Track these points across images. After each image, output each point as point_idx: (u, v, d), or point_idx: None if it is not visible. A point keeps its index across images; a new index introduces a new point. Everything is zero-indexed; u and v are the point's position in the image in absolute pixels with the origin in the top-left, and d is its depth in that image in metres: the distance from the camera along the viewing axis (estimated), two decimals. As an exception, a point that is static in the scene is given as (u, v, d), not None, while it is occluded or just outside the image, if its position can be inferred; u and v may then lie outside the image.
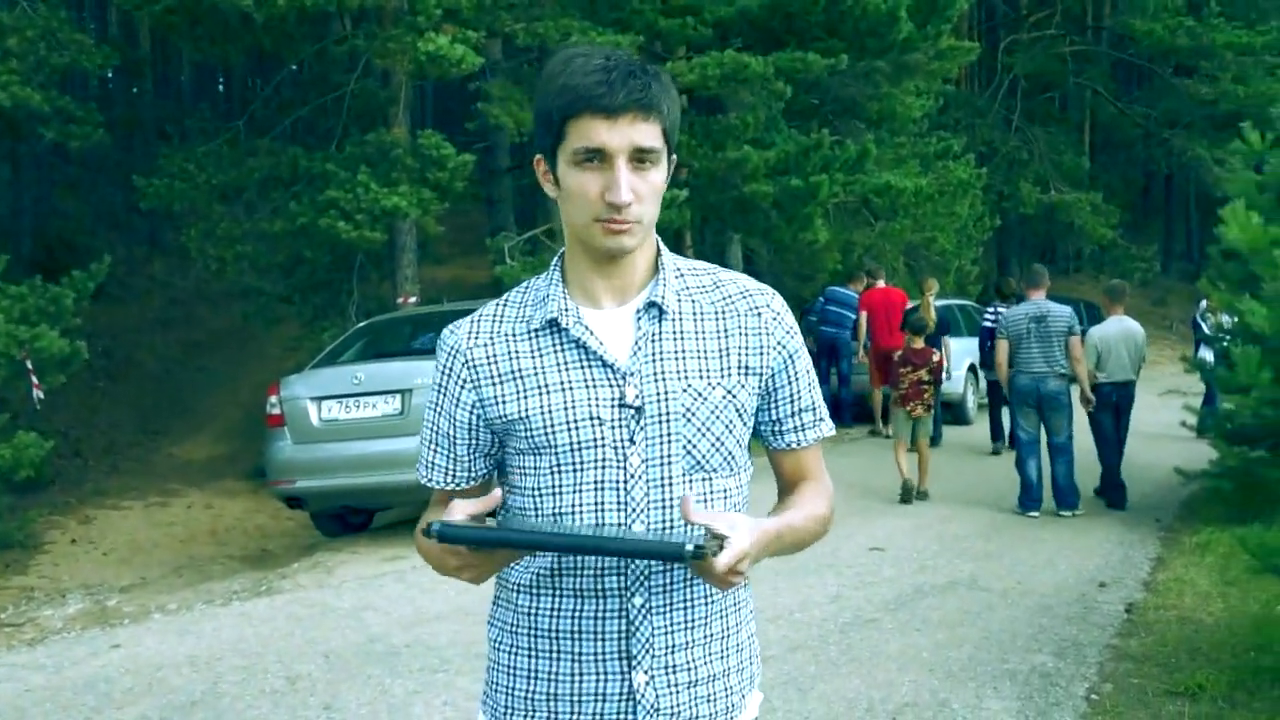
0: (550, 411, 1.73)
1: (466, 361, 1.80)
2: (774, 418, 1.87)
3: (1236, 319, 7.53)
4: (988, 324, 12.50)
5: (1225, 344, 8.08)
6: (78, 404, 16.52)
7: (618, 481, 1.72)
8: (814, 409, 1.90)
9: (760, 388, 1.83)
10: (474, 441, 1.83)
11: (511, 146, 18.68)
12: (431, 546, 1.69)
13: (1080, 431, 9.27)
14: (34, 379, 9.64)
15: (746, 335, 1.81)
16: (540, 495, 1.76)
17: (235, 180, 12.35)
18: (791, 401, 1.87)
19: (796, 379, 1.86)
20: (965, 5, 15.14)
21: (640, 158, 1.68)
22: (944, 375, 10.60)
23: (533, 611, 1.79)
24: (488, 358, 1.79)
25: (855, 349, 13.56)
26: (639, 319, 1.76)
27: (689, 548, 1.51)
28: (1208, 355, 10.42)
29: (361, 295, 13.56)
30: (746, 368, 1.80)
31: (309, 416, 8.55)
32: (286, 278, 13.65)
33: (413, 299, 12.94)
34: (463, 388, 1.80)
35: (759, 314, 1.82)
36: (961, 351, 13.82)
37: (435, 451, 1.87)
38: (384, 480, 8.29)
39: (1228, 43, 25.24)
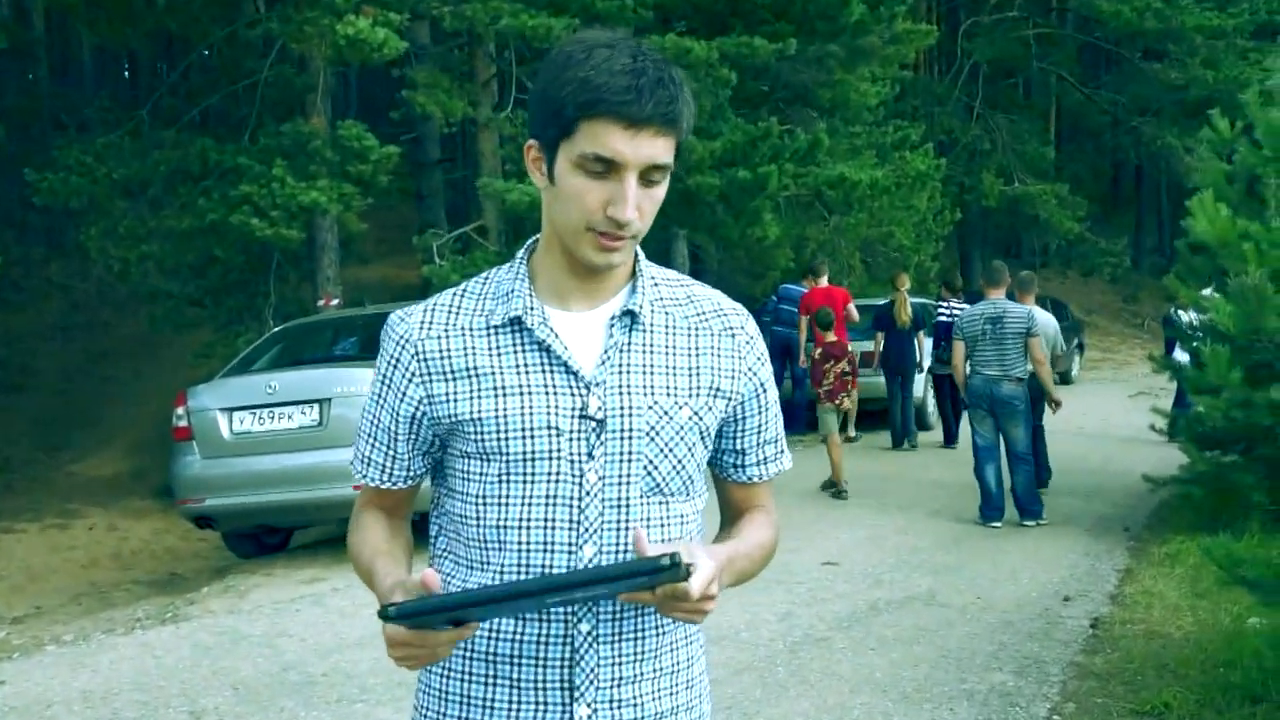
0: (505, 416, 1.69)
1: (417, 354, 1.75)
2: (737, 448, 1.87)
3: (1205, 316, 7.62)
4: (942, 319, 12.88)
5: (1194, 343, 8.18)
6: (-32, 418, 16.24)
7: (571, 498, 1.69)
8: (777, 441, 1.91)
9: (726, 412, 1.81)
10: (415, 438, 1.79)
11: (442, 138, 18.58)
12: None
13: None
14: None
15: (719, 356, 1.79)
16: (484, 504, 1.73)
17: (139, 174, 12.19)
18: (758, 432, 1.87)
19: (765, 409, 1.86)
20: (922, -14, 15.27)
21: (651, 174, 1.64)
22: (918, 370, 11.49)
23: None
24: (440, 351, 1.74)
25: (801, 352, 13.54)
26: (611, 326, 1.73)
27: (677, 563, 1.47)
28: (1182, 356, 10.56)
29: (279, 297, 13.43)
30: (716, 389, 1.79)
31: (219, 429, 8.43)
32: (197, 279, 13.49)
33: (334, 301, 12.83)
34: (410, 381, 1.75)
35: (733, 335, 1.81)
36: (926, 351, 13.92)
37: (373, 446, 1.83)
38: (301, 496, 8.20)
39: (1197, 25, 25.71)
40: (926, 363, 13.58)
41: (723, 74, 12.48)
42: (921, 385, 13.75)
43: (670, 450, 1.74)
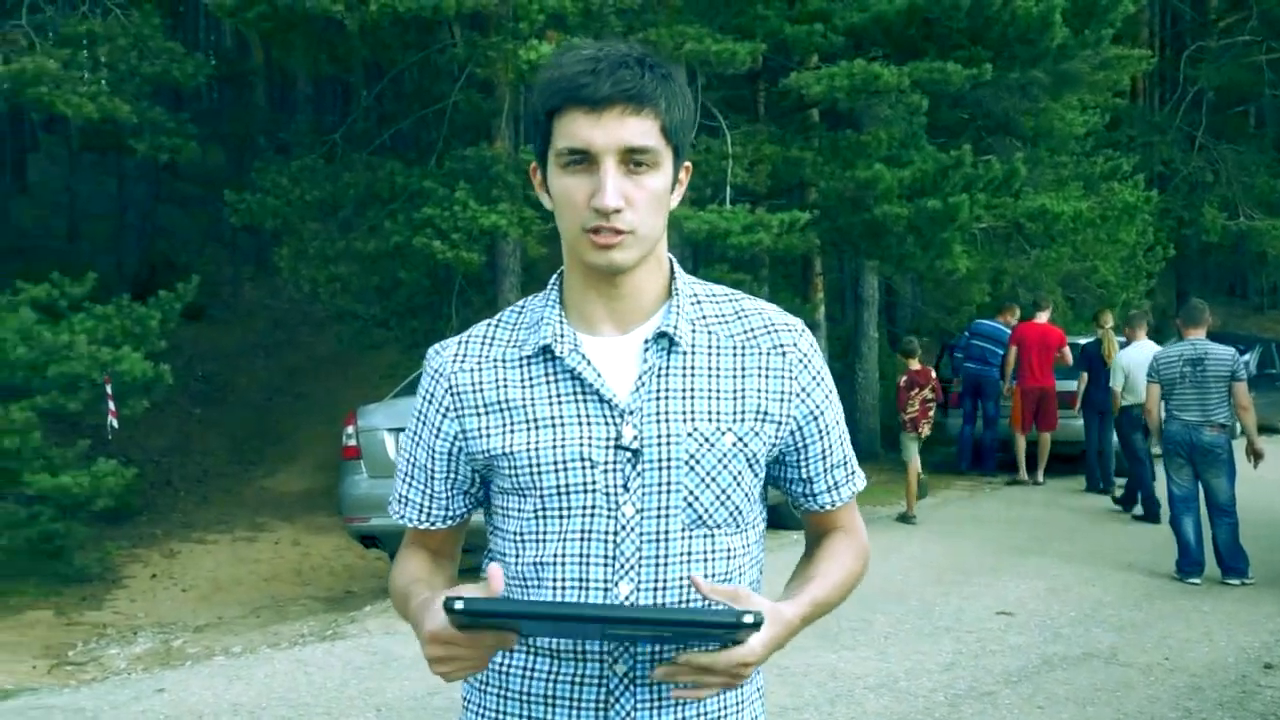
0: (537, 449, 1.66)
1: (450, 388, 1.73)
2: (804, 476, 1.80)
3: None
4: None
5: None
6: (173, 431, 17.13)
7: (606, 533, 1.65)
8: (846, 463, 1.83)
9: (777, 438, 1.73)
10: (453, 476, 1.76)
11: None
12: (420, 617, 1.60)
13: (1244, 486, 8.80)
14: (111, 404, 9.94)
15: (767, 377, 1.72)
16: (522, 541, 1.70)
17: (331, 196, 12.64)
18: (823, 459, 1.80)
19: (827, 432, 1.79)
20: (1132, 8, 14.64)
21: (633, 159, 1.60)
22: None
23: (504, 670, 1.71)
24: (473, 385, 1.71)
25: (1002, 387, 13.30)
26: (646, 350, 1.68)
27: (747, 619, 1.45)
28: None
29: (461, 321, 13.70)
30: (764, 413, 1.71)
31: (385, 449, 8.62)
32: (383, 300, 13.90)
33: (515, 326, 13.01)
34: (444, 416, 1.73)
35: (783, 353, 1.73)
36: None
37: (410, 485, 1.80)
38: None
39: None
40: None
41: (913, 100, 12.23)
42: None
43: (713, 480, 1.67)
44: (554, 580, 1.66)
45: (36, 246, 19.41)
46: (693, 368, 1.69)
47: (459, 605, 1.43)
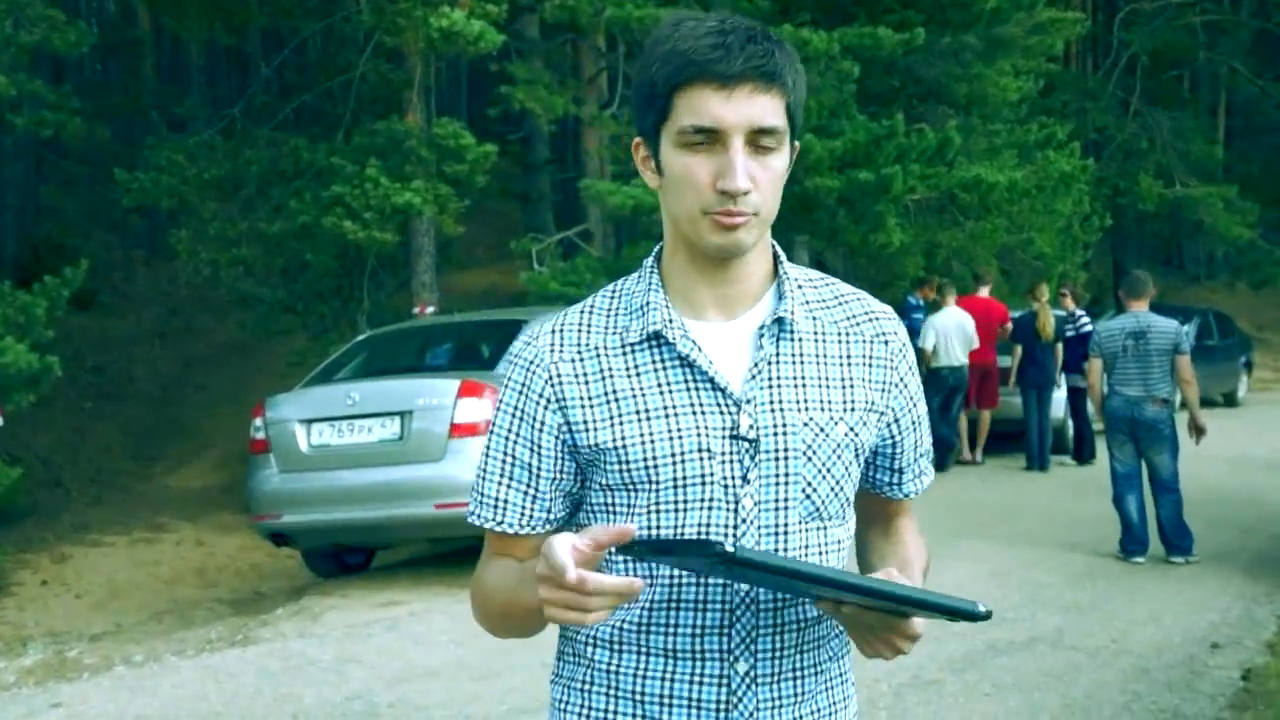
0: (652, 441, 1.65)
1: (551, 378, 1.70)
2: (896, 466, 1.84)
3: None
4: (1069, 335, 13.17)
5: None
6: (62, 426, 16.77)
7: (726, 526, 1.65)
8: (929, 454, 1.90)
9: (880, 429, 1.78)
10: (559, 475, 1.73)
11: (551, 138, 18.69)
12: (533, 579, 1.52)
13: (1188, 462, 8.99)
14: (-6, 400, 9.71)
15: (871, 366, 1.75)
16: None
17: (231, 174, 12.44)
18: (915, 449, 1.85)
19: (919, 423, 1.84)
20: (1066, -30, 14.87)
21: (760, 139, 1.59)
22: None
23: (613, 669, 1.71)
24: (576, 375, 1.70)
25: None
26: (760, 337, 1.69)
27: (982, 609, 1.50)
28: None
29: (374, 304, 13.59)
30: (871, 404, 1.74)
31: (297, 441, 8.51)
32: (289, 284, 13.72)
33: (430, 308, 12.94)
34: (546, 408, 1.70)
35: (886, 342, 1.77)
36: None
37: (509, 486, 1.74)
38: (380, 515, 8.24)
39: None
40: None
41: (844, 67, 12.28)
42: (1061, 404, 13.45)
43: (828, 470, 1.70)
44: (669, 578, 1.65)
45: (-92, 231, 18.91)
46: (802, 355, 1.71)
47: (728, 547, 1.39)
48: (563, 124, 16.43)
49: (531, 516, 1.74)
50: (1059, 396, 13.34)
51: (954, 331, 12.88)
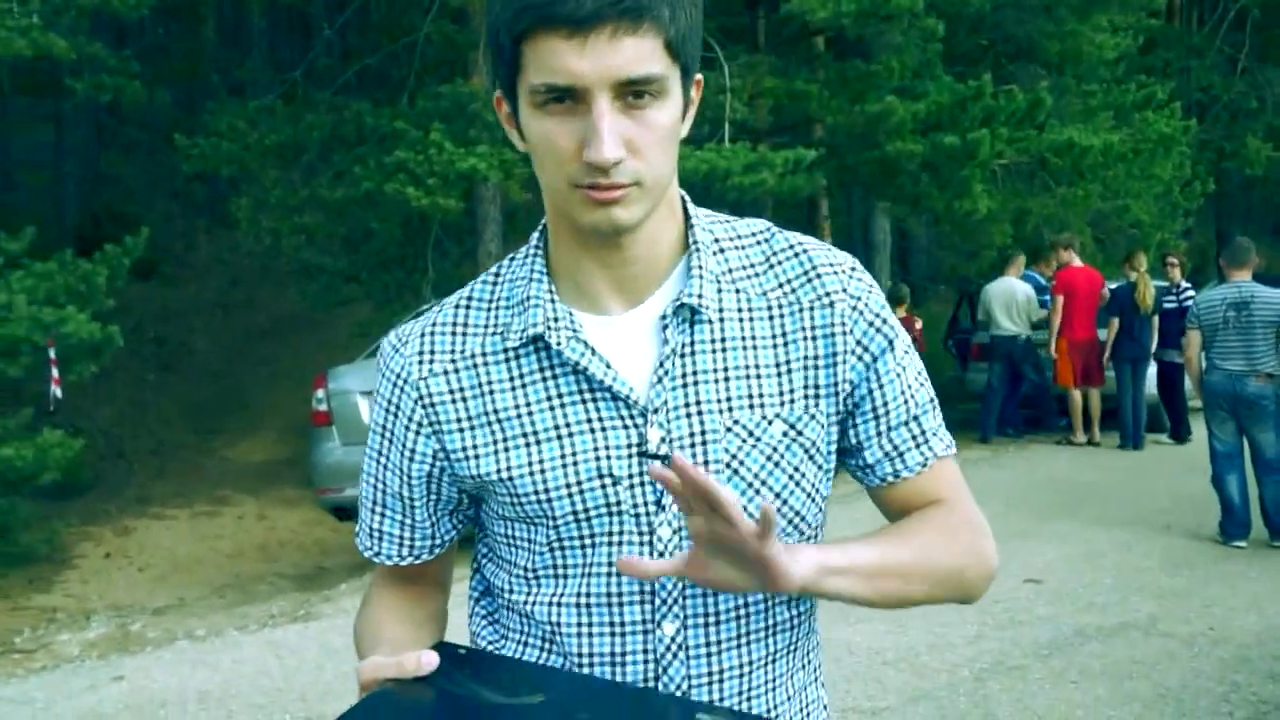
0: (543, 470, 1.44)
1: (421, 397, 1.49)
2: (853, 443, 1.54)
3: None
4: (1167, 307, 12.99)
5: None
6: (123, 398, 17.12)
7: None
8: (915, 420, 1.55)
9: (841, 410, 1.51)
10: (436, 498, 1.55)
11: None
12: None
13: None
14: (54, 370, 9.89)
15: (814, 338, 1.48)
16: (536, 579, 1.50)
17: (292, 140, 12.55)
18: (876, 418, 1.53)
19: (882, 386, 1.52)
20: (1169, -81, 14.63)
21: (631, 91, 1.31)
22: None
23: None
24: (450, 391, 1.49)
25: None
26: (664, 328, 1.44)
27: None
28: None
29: (439, 274, 13.66)
30: (814, 388, 1.48)
31: (360, 414, 8.62)
32: (351, 253, 13.85)
33: (496, 278, 12.97)
34: (417, 434, 1.51)
35: (831, 304, 1.48)
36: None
37: (383, 516, 1.59)
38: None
39: None
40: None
41: (929, 24, 12.15)
42: (1151, 379, 13.27)
43: (763, 484, 1.45)
44: (579, 626, 1.47)
45: (-33, 199, 19.33)
46: (723, 339, 1.46)
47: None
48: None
49: (413, 546, 1.59)
50: (1150, 372, 13.17)
51: (995, 300, 13.43)
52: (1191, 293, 12.89)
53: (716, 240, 1.51)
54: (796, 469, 1.47)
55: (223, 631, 7.44)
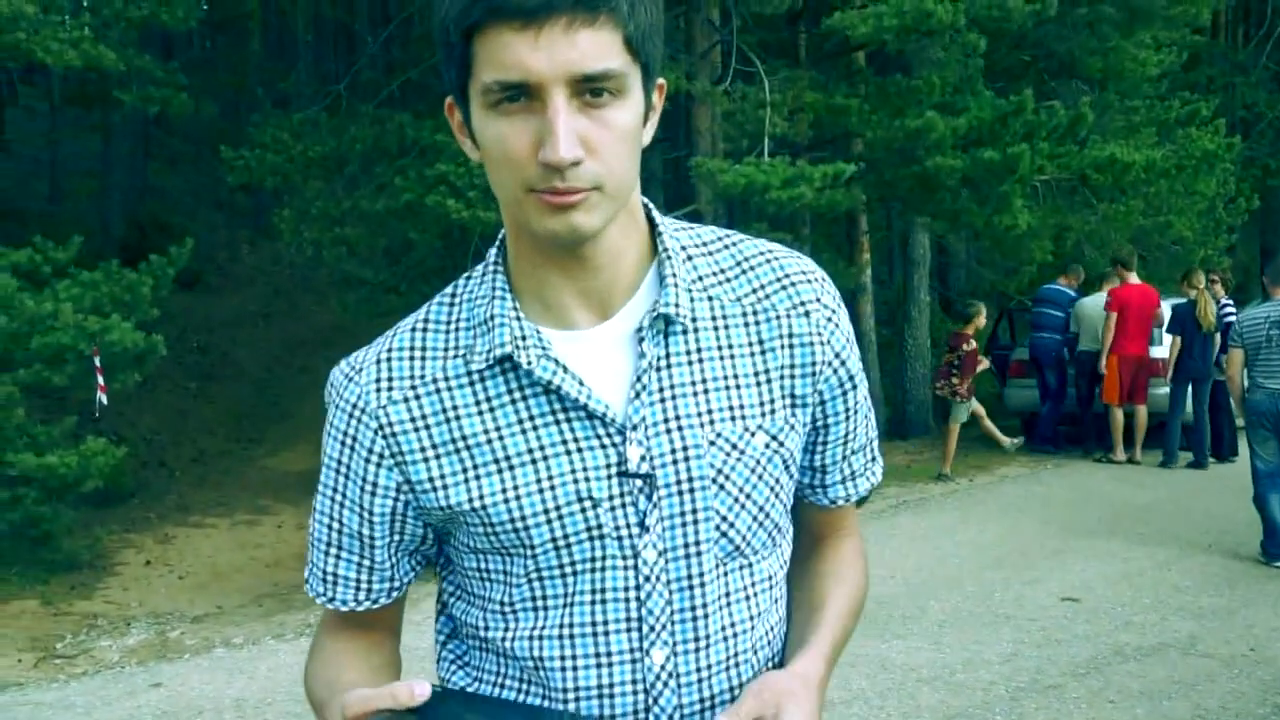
0: (518, 496, 1.37)
1: (381, 427, 1.41)
2: (816, 464, 1.54)
3: None
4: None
5: None
6: (166, 407, 17.26)
7: (626, 588, 1.39)
8: (867, 448, 1.57)
9: (810, 422, 1.48)
10: (397, 538, 1.47)
11: (663, 114, 18.65)
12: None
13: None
14: (99, 378, 9.99)
15: (791, 347, 1.44)
16: (513, 613, 1.43)
17: (335, 152, 12.63)
18: (844, 442, 1.53)
19: (855, 410, 1.52)
20: (1212, -66, 14.53)
21: (589, 89, 1.26)
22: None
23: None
24: (412, 419, 1.40)
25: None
26: (639, 340, 1.38)
27: None
28: None
29: (478, 286, 13.67)
30: (793, 397, 1.44)
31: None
32: (392, 264, 13.92)
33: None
34: (378, 466, 1.42)
35: (806, 313, 1.45)
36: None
37: (338, 558, 1.49)
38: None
39: None
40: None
41: (970, 40, 12.09)
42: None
43: (748, 498, 1.42)
44: (563, 659, 1.41)
45: (16, 208, 19.49)
46: (700, 351, 1.40)
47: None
48: (674, 100, 16.31)
49: (370, 590, 1.51)
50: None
51: (1088, 316, 13.68)
52: (1233, 311, 12.78)
53: (684, 248, 1.46)
54: (777, 480, 1.45)
55: (260, 640, 7.49)
